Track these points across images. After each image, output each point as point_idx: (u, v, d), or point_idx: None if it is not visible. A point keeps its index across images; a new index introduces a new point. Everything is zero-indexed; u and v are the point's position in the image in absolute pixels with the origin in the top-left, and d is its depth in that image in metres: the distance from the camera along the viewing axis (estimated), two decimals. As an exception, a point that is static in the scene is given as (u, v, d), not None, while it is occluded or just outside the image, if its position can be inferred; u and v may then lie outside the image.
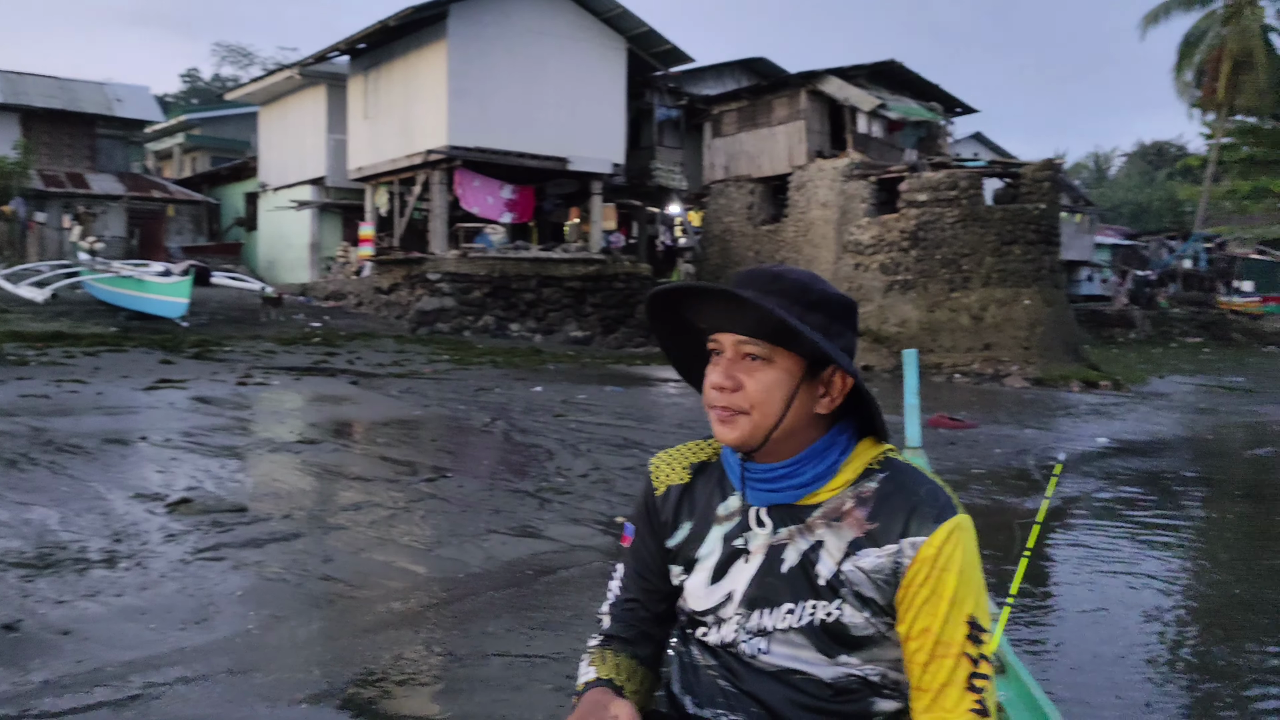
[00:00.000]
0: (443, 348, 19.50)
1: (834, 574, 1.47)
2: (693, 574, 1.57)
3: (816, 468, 1.50)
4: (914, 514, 1.44)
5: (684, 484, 1.62)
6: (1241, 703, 4.38)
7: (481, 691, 4.01)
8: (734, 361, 1.48)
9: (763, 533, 1.52)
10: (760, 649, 1.50)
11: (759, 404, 1.46)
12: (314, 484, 7.81)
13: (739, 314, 1.46)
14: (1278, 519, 9.00)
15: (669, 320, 1.59)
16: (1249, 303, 39.55)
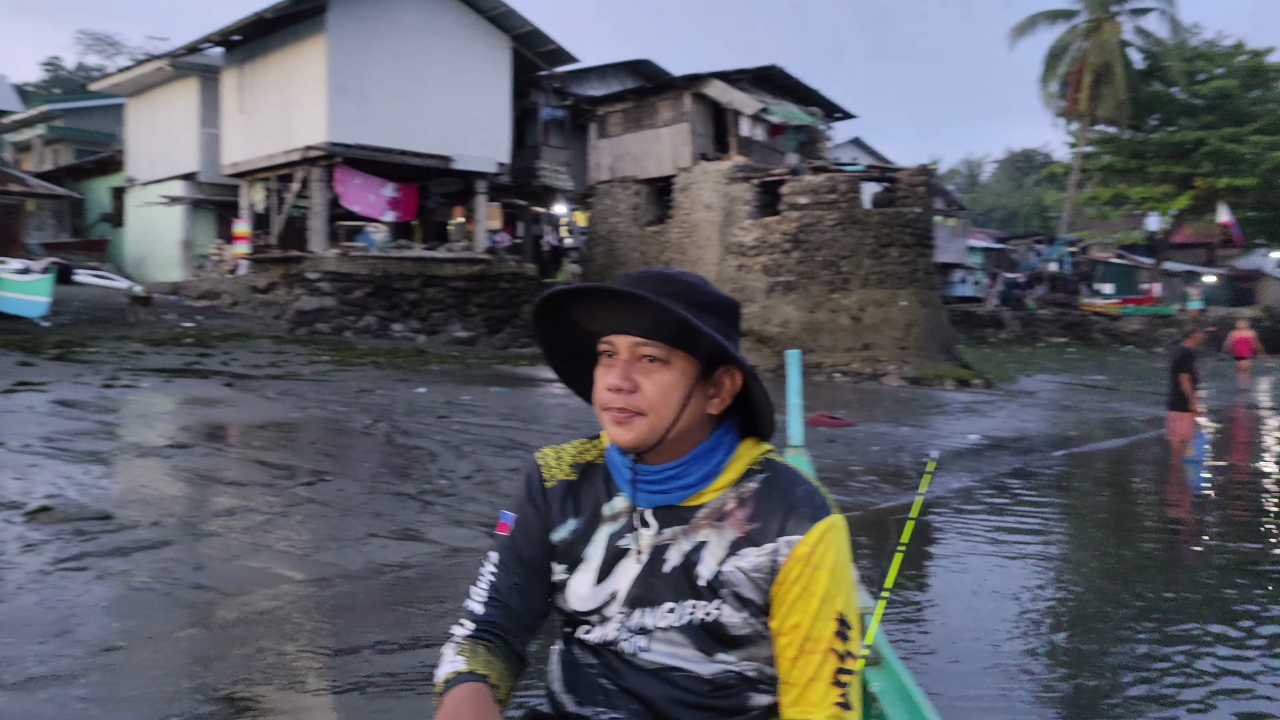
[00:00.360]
0: (323, 348, 19.04)
1: (715, 574, 1.49)
2: (576, 573, 1.56)
3: (703, 468, 1.52)
4: (791, 514, 1.47)
5: (570, 481, 1.61)
6: (1108, 689, 4.60)
7: (361, 699, 3.93)
8: (630, 363, 1.48)
9: (648, 533, 1.53)
10: (641, 647, 1.51)
11: (656, 405, 1.47)
12: (185, 490, 7.54)
13: (637, 316, 1.46)
14: (1137, 510, 9.49)
15: (556, 322, 1.58)
16: (1109, 304, 41.55)
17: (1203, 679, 4.61)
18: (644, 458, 1.51)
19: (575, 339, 1.59)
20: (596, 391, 1.52)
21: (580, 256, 30.64)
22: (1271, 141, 36.51)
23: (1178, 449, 11.64)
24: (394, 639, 4.64)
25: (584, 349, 1.58)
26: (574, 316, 1.55)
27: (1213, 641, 5.14)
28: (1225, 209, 37.89)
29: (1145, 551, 7.55)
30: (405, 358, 19.11)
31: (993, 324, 35.28)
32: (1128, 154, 40.91)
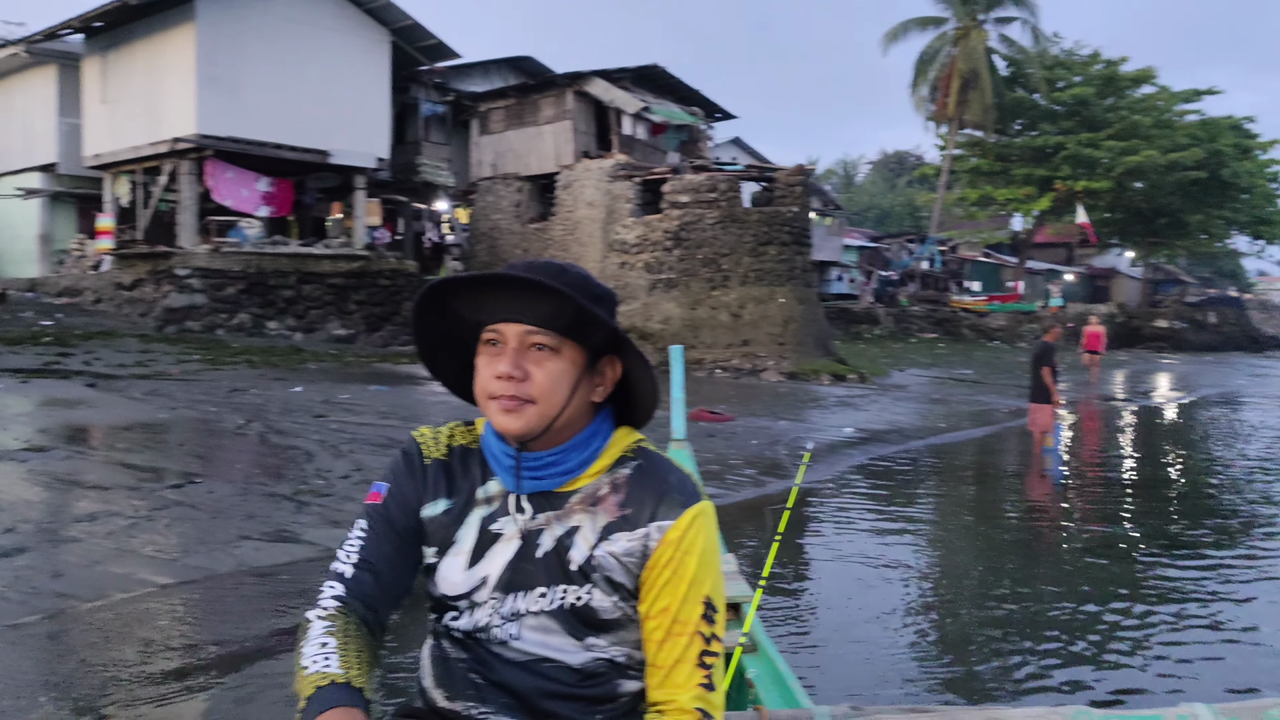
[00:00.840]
0: (193, 347, 18.42)
1: (587, 559, 1.51)
2: (447, 556, 1.55)
3: (582, 454, 1.54)
4: (663, 500, 1.50)
5: (445, 461, 1.60)
6: (978, 668, 4.84)
7: (232, 704, 3.88)
8: (520, 352, 1.48)
9: (521, 518, 1.54)
10: (512, 634, 1.52)
11: (546, 394, 1.48)
12: (43, 494, 7.25)
13: (531, 304, 1.47)
14: (1002, 497, 9.95)
15: (436, 312, 1.58)
16: (977, 301, 43.22)
17: (1070, 656, 4.89)
18: (527, 445, 1.52)
19: (453, 330, 1.59)
20: (481, 381, 1.52)
21: (462, 253, 30.36)
22: (1124, 147, 38.49)
23: (1039, 438, 12.21)
24: (266, 642, 4.58)
25: (460, 340, 1.59)
26: (457, 306, 1.55)
27: (1078, 619, 5.46)
28: (1082, 210, 39.80)
29: (1011, 536, 7.94)
30: (281, 356, 18.64)
31: (867, 320, 36.30)
32: (993, 157, 42.60)
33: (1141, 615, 5.58)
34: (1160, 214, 43.16)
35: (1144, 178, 39.76)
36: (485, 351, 1.52)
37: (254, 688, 4.02)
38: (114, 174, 24.60)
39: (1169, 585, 6.30)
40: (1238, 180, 41.84)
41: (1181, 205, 42.30)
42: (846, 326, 34.27)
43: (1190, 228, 44.20)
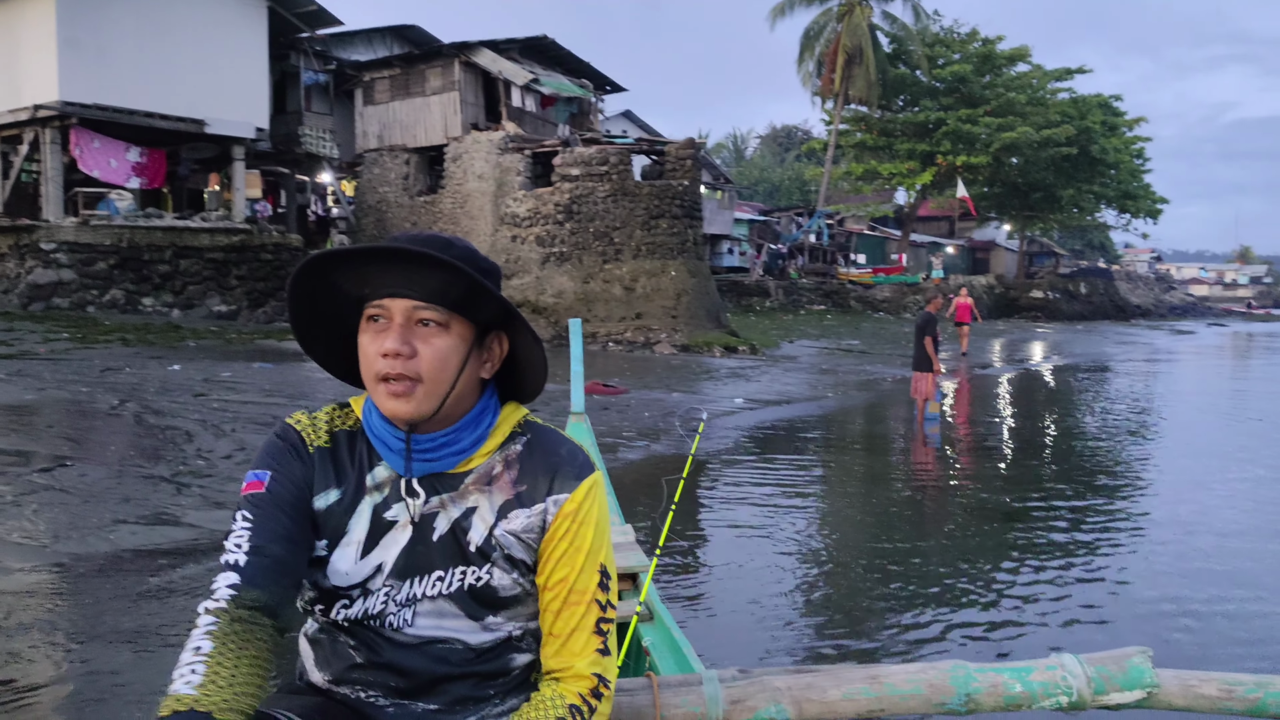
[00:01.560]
0: (61, 325, 17.61)
1: (485, 539, 1.48)
2: (338, 548, 1.49)
3: (473, 434, 1.50)
4: (557, 473, 1.50)
5: (327, 449, 1.53)
6: (865, 627, 4.98)
7: (110, 698, 3.75)
8: (406, 328, 1.42)
9: (415, 503, 1.49)
10: (406, 619, 1.49)
11: (434, 372, 1.43)
12: (-101, 481, 6.86)
13: (419, 278, 1.40)
14: (888, 462, 10.23)
15: (314, 286, 1.48)
16: (863, 274, 44.22)
17: (954, 614, 5.07)
18: (417, 427, 1.46)
19: (330, 305, 1.51)
20: (367, 360, 1.44)
21: (348, 227, 29.66)
22: (1001, 123, 39.76)
23: (921, 405, 12.61)
24: (144, 629, 4.43)
25: (340, 317, 1.52)
26: (340, 280, 1.46)
27: (962, 579, 5.66)
28: (962, 185, 41.01)
29: (896, 500, 8.18)
30: (158, 334, 17.96)
31: (758, 293, 36.81)
32: (878, 132, 43.52)
33: (1020, 572, 5.82)
34: (1035, 188, 44.76)
35: (1019, 153, 41.16)
36: (369, 329, 1.45)
37: (144, 682, 3.89)
38: (-30, 143, 23.26)
39: (1045, 543, 6.58)
40: (1105, 156, 43.65)
41: (1054, 180, 43.94)
42: (738, 299, 34.70)
43: (1062, 202, 45.98)
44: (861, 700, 1.67)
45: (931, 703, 1.67)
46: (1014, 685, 1.67)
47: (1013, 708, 1.68)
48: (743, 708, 1.68)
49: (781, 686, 1.69)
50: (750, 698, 1.69)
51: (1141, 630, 4.79)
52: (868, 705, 1.67)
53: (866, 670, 1.72)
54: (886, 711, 1.68)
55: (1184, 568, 5.96)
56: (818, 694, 1.68)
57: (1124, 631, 4.78)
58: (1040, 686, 1.66)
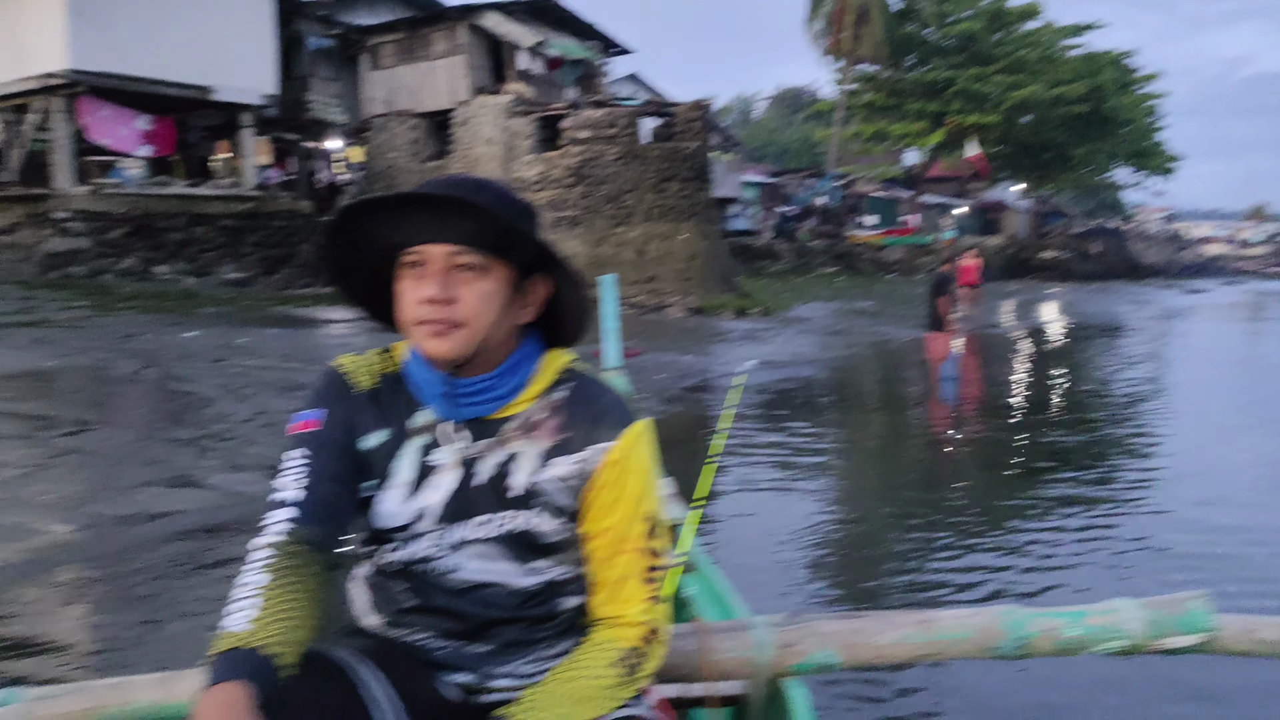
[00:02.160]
0: (79, 293, 17.66)
1: (528, 485, 1.49)
2: (384, 490, 1.50)
3: (514, 379, 1.50)
4: (601, 421, 1.49)
5: (375, 390, 1.54)
6: (899, 577, 5.02)
7: (138, 646, 3.81)
8: (445, 273, 1.42)
9: (458, 447, 1.50)
10: (454, 564, 1.50)
11: (475, 316, 1.42)
12: (-74, 447, 6.93)
13: (454, 223, 1.40)
14: (905, 419, 10.25)
15: (348, 237, 1.48)
16: (874, 235, 44.00)
17: (989, 565, 5.10)
18: (458, 370, 1.47)
19: (367, 255, 1.50)
20: (405, 306, 1.44)
21: (358, 193, 29.59)
22: (1012, 81, 39.36)
23: (935, 367, 12.58)
24: (169, 586, 4.50)
25: (374, 265, 1.51)
26: (374, 229, 1.45)
27: (989, 532, 5.69)
28: (973, 144, 40.68)
29: (915, 458, 8.22)
30: (174, 301, 18.01)
31: (768, 256, 36.67)
32: (887, 92, 43.11)
33: (1045, 527, 5.84)
34: (1046, 147, 44.37)
35: (1031, 112, 40.78)
36: (408, 275, 1.45)
37: (175, 635, 3.94)
38: (-20, 113, 23.22)
39: (1067, 498, 6.60)
40: (1118, 114, 43.21)
41: (1066, 139, 43.54)
42: (748, 262, 34.57)
43: (1075, 160, 45.58)
44: (912, 645, 1.69)
45: (983, 647, 1.68)
46: (1068, 629, 1.68)
47: (1066, 652, 1.69)
48: (792, 652, 1.71)
49: (830, 631, 1.72)
50: (799, 643, 1.71)
51: (1178, 581, 4.82)
52: (918, 650, 1.69)
53: (916, 615, 1.74)
54: (937, 656, 1.70)
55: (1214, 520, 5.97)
56: (867, 639, 1.70)
57: (1149, 583, 4.81)
58: (1096, 630, 1.67)
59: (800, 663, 1.70)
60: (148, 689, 1.64)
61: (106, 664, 3.69)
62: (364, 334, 15.60)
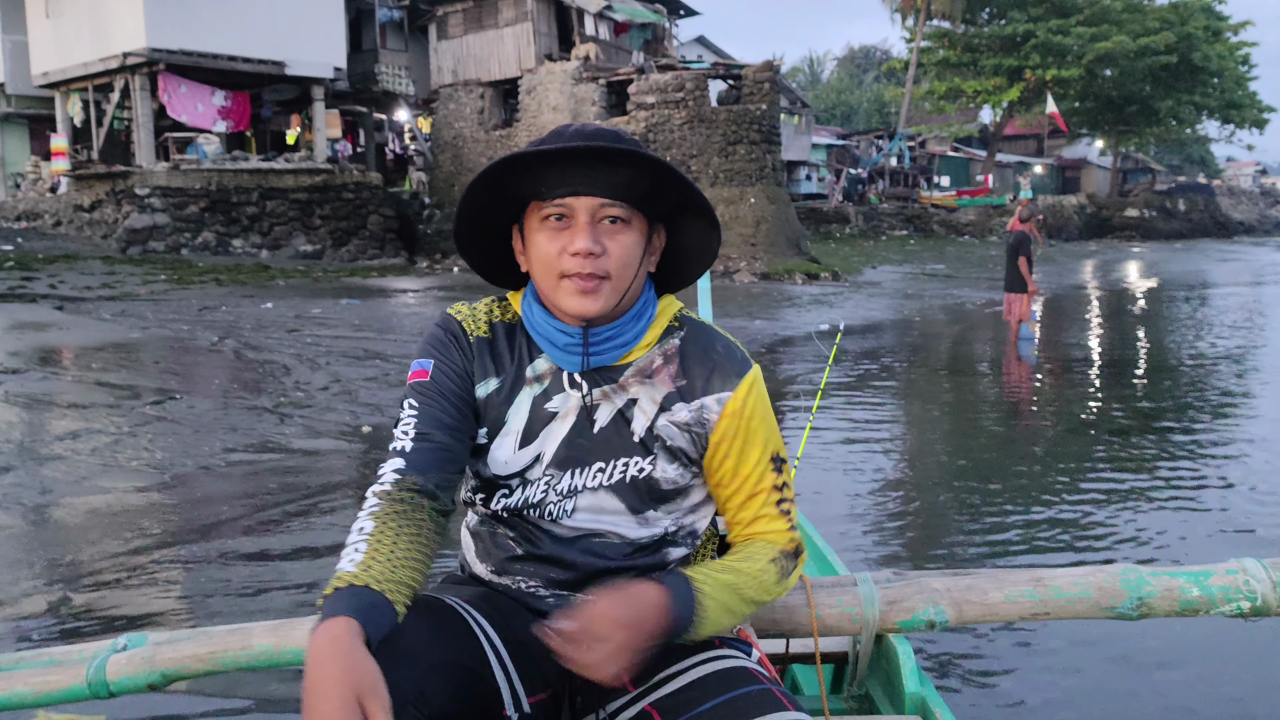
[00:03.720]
0: (158, 267, 18.10)
1: (647, 430, 1.50)
2: (498, 437, 1.52)
3: (636, 326, 1.51)
4: (716, 370, 1.50)
5: (488, 339, 1.55)
6: (959, 534, 4.91)
7: (231, 602, 3.87)
8: (593, 226, 1.43)
9: (576, 394, 1.51)
10: (566, 510, 1.50)
11: (620, 268, 1.44)
12: (22, 415, 7.13)
13: (604, 175, 1.41)
14: (974, 384, 10.03)
15: (488, 192, 1.48)
16: (946, 197, 43.13)
17: (1033, 525, 4.96)
18: (593, 322, 1.47)
19: (501, 209, 1.51)
20: (547, 259, 1.44)
21: (425, 163, 29.83)
22: (1094, 33, 38.09)
23: (1015, 327, 12.30)
24: (263, 545, 4.56)
25: (495, 219, 1.52)
26: (513, 182, 1.46)
27: (1064, 489, 5.53)
28: (1052, 100, 39.54)
29: (992, 418, 8.02)
30: (248, 274, 18.37)
31: (837, 219, 36.18)
32: (961, 48, 42.05)
33: (1136, 485, 5.65)
34: (1130, 101, 42.99)
35: (1114, 64, 39.46)
36: (546, 227, 1.44)
37: (260, 588, 4.00)
38: (65, 92, 23.86)
39: (1157, 455, 6.38)
40: (1208, 64, 41.64)
41: (1151, 91, 42.13)
42: (816, 226, 34.16)
43: (1160, 114, 44.10)
44: (1025, 603, 1.61)
45: (1100, 606, 1.60)
46: (1191, 589, 1.58)
47: (1188, 613, 1.59)
48: (899, 609, 1.64)
49: (940, 588, 1.64)
50: (907, 599, 1.64)
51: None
52: (1031, 608, 1.61)
53: (1030, 573, 1.65)
54: (1051, 615, 1.61)
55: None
56: (978, 595, 1.62)
57: (1256, 549, 4.62)
58: (1220, 591, 1.57)
59: (908, 620, 1.63)
60: (264, 635, 1.70)
61: (204, 620, 3.76)
62: (432, 303, 15.75)
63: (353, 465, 6.17)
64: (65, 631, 3.60)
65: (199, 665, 1.68)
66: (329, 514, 5.14)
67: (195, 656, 1.68)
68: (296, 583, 4.10)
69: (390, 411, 7.66)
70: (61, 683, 1.68)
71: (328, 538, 4.73)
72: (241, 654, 1.68)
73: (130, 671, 1.67)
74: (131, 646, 1.71)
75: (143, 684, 1.67)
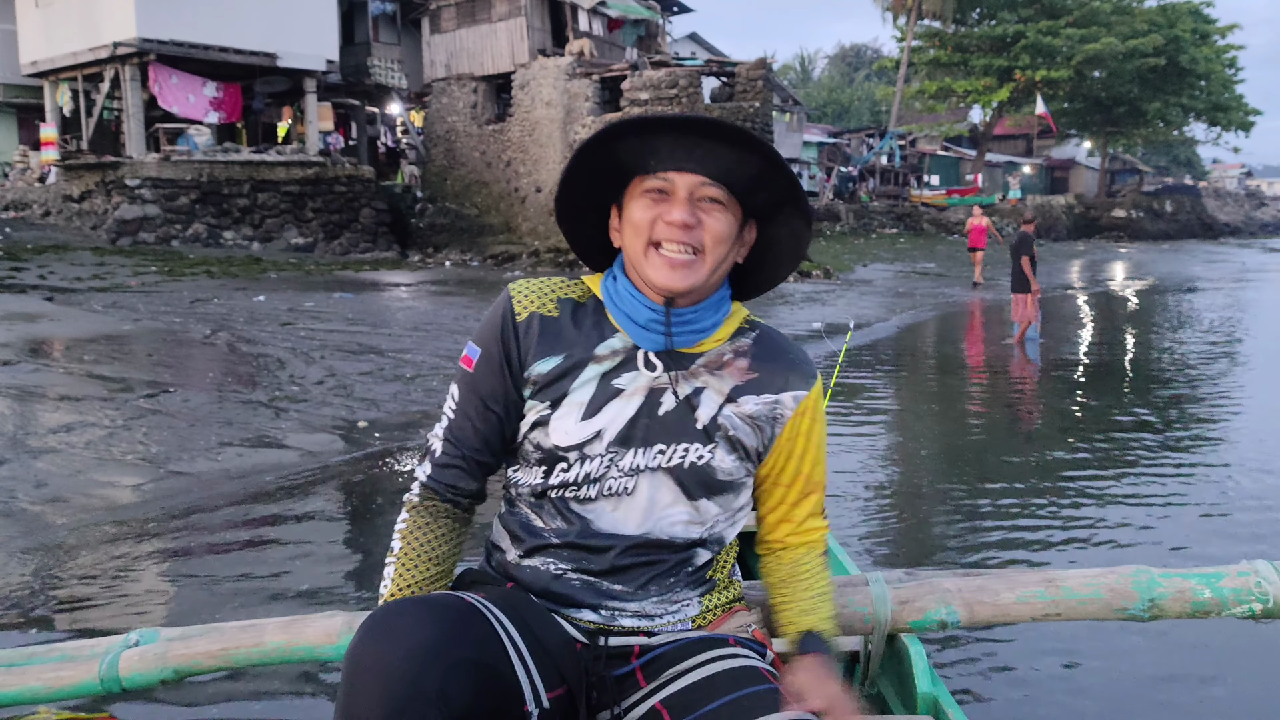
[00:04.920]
0: (149, 259, 18.02)
1: (711, 418, 1.53)
2: (560, 408, 1.54)
3: (714, 315, 1.56)
4: (794, 371, 1.58)
5: (551, 316, 1.57)
6: (963, 534, 4.94)
7: (228, 599, 3.87)
8: (691, 202, 1.48)
9: (648, 375, 1.54)
10: (627, 488, 1.53)
11: (714, 245, 1.48)
12: (13, 406, 7.10)
13: (711, 156, 1.45)
14: (964, 381, 10.08)
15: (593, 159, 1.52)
16: (936, 195, 43.22)
17: (1040, 526, 4.99)
18: (674, 301, 1.52)
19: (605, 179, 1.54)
20: (640, 228, 1.49)
21: (418, 157, 29.74)
22: (1083, 34, 38.20)
23: (1024, 327, 12.21)
24: (254, 542, 4.56)
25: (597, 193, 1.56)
26: (622, 151, 1.49)
27: (1062, 492, 5.57)
28: (1041, 101, 39.65)
29: (993, 417, 8.06)
30: (240, 266, 18.30)
31: (828, 217, 36.23)
32: (952, 48, 42.11)
33: (1143, 486, 5.70)
34: (1119, 102, 43.13)
35: (1103, 66, 39.60)
36: (643, 199, 1.49)
37: (258, 590, 4.00)
38: (54, 81, 23.70)
39: (1165, 456, 6.43)
40: (1196, 67, 41.80)
41: (1140, 93, 42.28)
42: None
43: (1148, 116, 44.26)
44: (1037, 604, 1.64)
45: (1112, 608, 1.63)
46: (1202, 591, 1.61)
47: (1199, 615, 1.62)
48: (911, 609, 1.66)
49: (951, 588, 1.67)
50: (919, 599, 1.67)
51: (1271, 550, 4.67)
52: (1043, 609, 1.64)
53: (1041, 574, 1.68)
54: (1063, 616, 1.64)
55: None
56: (990, 596, 1.65)
57: (1267, 550, 4.66)
58: (1231, 593, 1.60)
59: (919, 619, 1.65)
60: (276, 632, 1.72)
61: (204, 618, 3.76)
62: (425, 297, 15.73)
63: (349, 460, 6.17)
64: (65, 626, 3.60)
65: (211, 661, 1.71)
66: (326, 509, 5.14)
67: (207, 653, 1.70)
68: (300, 580, 4.11)
69: (386, 406, 7.66)
70: (74, 678, 1.69)
71: (326, 533, 4.74)
72: (254, 650, 1.71)
73: (143, 667, 1.69)
74: (144, 642, 1.73)
75: (155, 680, 1.69)
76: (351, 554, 4.59)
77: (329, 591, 3.96)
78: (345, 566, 4.38)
